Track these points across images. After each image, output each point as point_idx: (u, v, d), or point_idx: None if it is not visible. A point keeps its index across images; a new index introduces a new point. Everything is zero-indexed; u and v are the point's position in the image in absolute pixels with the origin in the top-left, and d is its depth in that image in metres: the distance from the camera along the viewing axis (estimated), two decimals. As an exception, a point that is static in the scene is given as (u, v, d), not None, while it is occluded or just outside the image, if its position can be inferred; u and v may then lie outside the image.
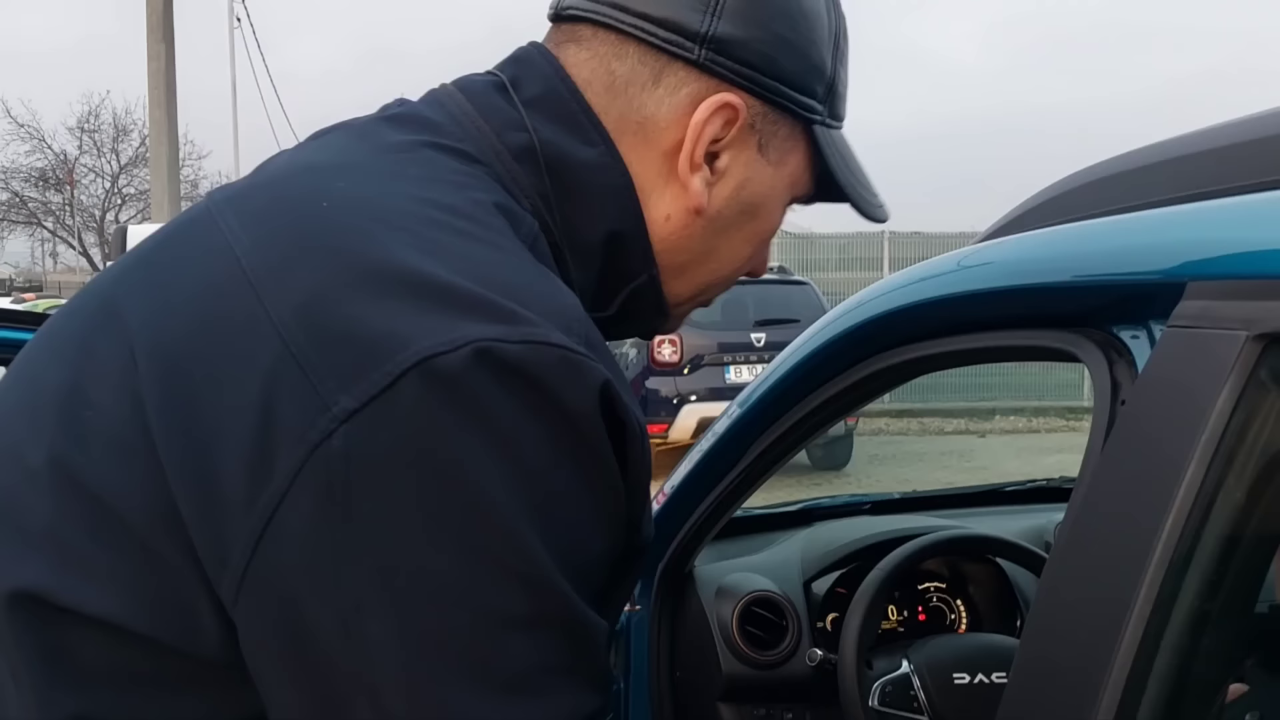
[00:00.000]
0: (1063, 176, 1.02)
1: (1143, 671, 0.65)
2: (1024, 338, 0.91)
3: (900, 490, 2.09)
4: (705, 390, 8.12)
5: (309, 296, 0.55)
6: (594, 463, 0.57)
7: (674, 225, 0.72)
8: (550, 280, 0.62)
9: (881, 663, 1.41)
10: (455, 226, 0.60)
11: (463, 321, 0.54)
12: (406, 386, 0.52)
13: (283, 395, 0.53)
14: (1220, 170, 0.79)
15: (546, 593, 0.54)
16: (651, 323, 0.79)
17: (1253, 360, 0.63)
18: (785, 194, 0.77)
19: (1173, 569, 0.64)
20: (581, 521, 0.57)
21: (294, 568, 0.53)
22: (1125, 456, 0.70)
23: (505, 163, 0.67)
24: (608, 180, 0.70)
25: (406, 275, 0.55)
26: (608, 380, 0.57)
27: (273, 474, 0.52)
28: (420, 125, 0.68)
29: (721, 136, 0.71)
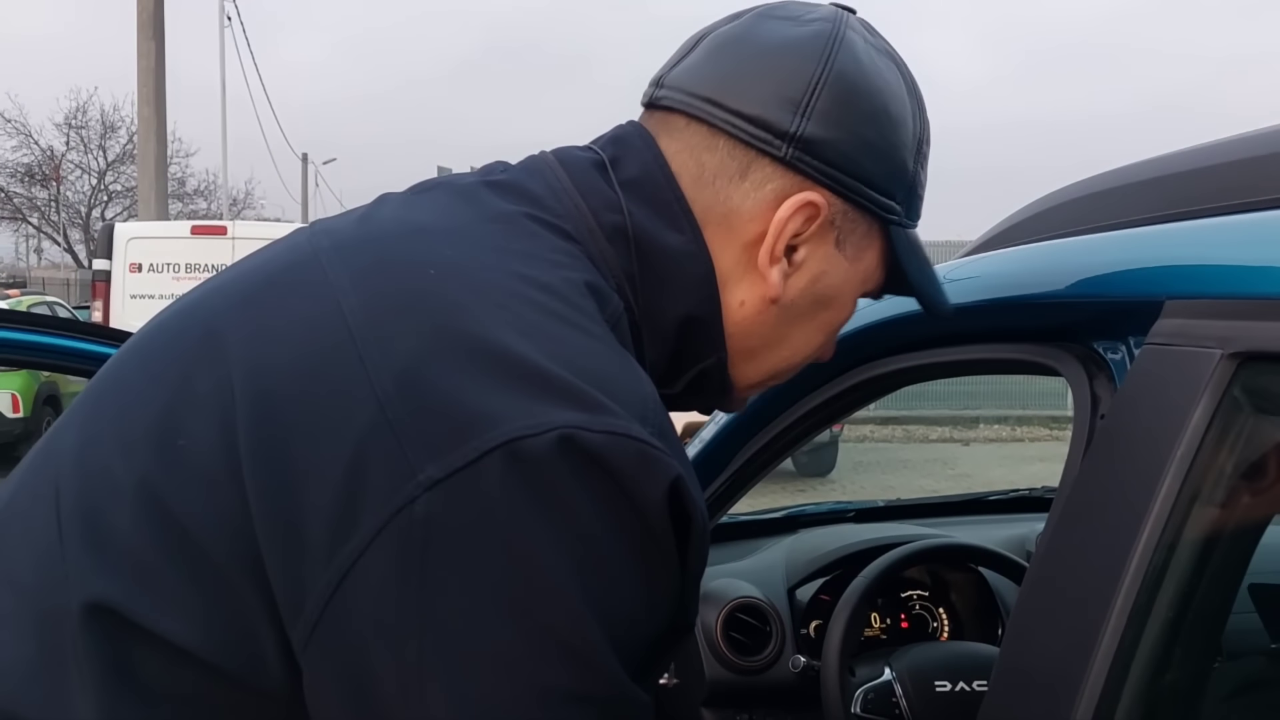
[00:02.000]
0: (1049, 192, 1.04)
1: (1119, 679, 0.66)
2: (1006, 351, 0.93)
3: (884, 498, 2.10)
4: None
5: (409, 364, 0.57)
6: (656, 554, 0.59)
7: (749, 311, 0.75)
8: (632, 368, 0.64)
9: (864, 670, 1.41)
10: (550, 308, 0.62)
11: (552, 407, 0.56)
12: (491, 463, 0.54)
13: (374, 457, 0.55)
14: (1201, 191, 0.81)
15: (598, 671, 0.56)
16: (713, 400, 0.82)
17: (1227, 377, 0.65)
18: (858, 288, 0.79)
19: (1149, 578, 0.66)
20: (639, 606, 0.59)
21: (364, 623, 0.55)
22: (1104, 469, 0.72)
23: (599, 242, 0.69)
24: (692, 268, 0.72)
25: (503, 355, 0.58)
26: (679, 476, 0.59)
27: (355, 530, 0.55)
28: (522, 196, 0.70)
29: (802, 231, 0.73)
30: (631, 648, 0.59)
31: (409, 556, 0.54)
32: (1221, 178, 0.80)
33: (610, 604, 0.57)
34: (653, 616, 0.61)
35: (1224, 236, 0.73)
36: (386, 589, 0.55)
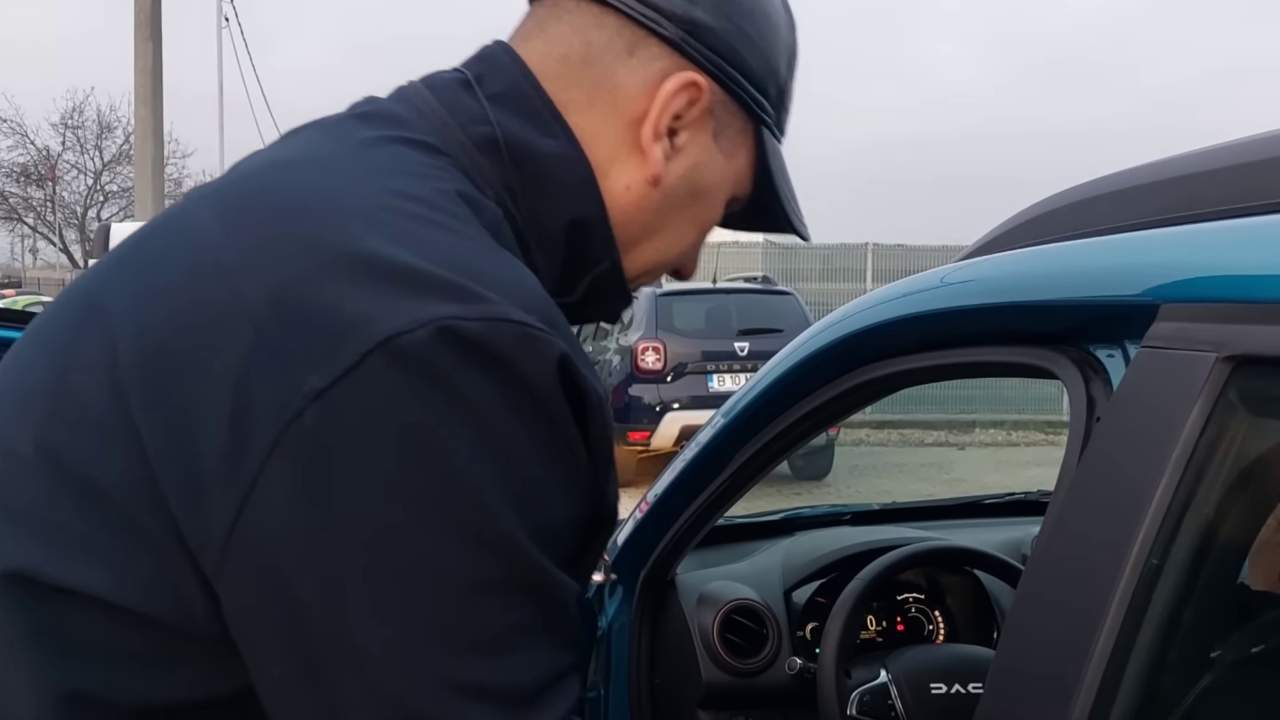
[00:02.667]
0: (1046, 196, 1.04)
1: (1114, 682, 0.67)
2: (1003, 354, 0.93)
3: (880, 501, 2.10)
4: (688, 398, 8.12)
5: (279, 283, 0.58)
6: (555, 432, 0.59)
7: (633, 196, 0.76)
8: (512, 264, 0.64)
9: (860, 672, 1.42)
10: (419, 214, 0.62)
11: (427, 302, 0.56)
12: (372, 364, 0.55)
13: (256, 380, 0.56)
14: (1197, 195, 0.82)
15: (516, 557, 0.57)
16: (615, 306, 0.83)
17: (1222, 380, 0.65)
18: (729, 187, 0.81)
19: (1144, 581, 0.66)
20: (546, 489, 0.59)
21: (272, 542, 0.55)
22: (1099, 472, 0.72)
23: (470, 154, 0.70)
24: (569, 171, 0.73)
25: (372, 260, 0.58)
26: (565, 354, 0.59)
27: (248, 452, 0.55)
28: (387, 121, 0.71)
29: (683, 114, 0.75)
30: (549, 533, 0.60)
31: (305, 469, 0.55)
32: (1218, 182, 0.80)
33: (516, 487, 0.57)
34: (565, 500, 0.61)
35: (1220, 241, 0.74)
36: (288, 506, 0.55)
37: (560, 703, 0.60)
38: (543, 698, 0.59)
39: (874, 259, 13.78)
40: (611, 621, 1.58)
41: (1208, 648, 0.73)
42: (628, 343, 8.41)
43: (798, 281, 12.48)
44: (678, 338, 8.31)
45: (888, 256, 13.78)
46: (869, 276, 13.54)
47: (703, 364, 8.27)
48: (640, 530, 1.54)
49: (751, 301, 8.73)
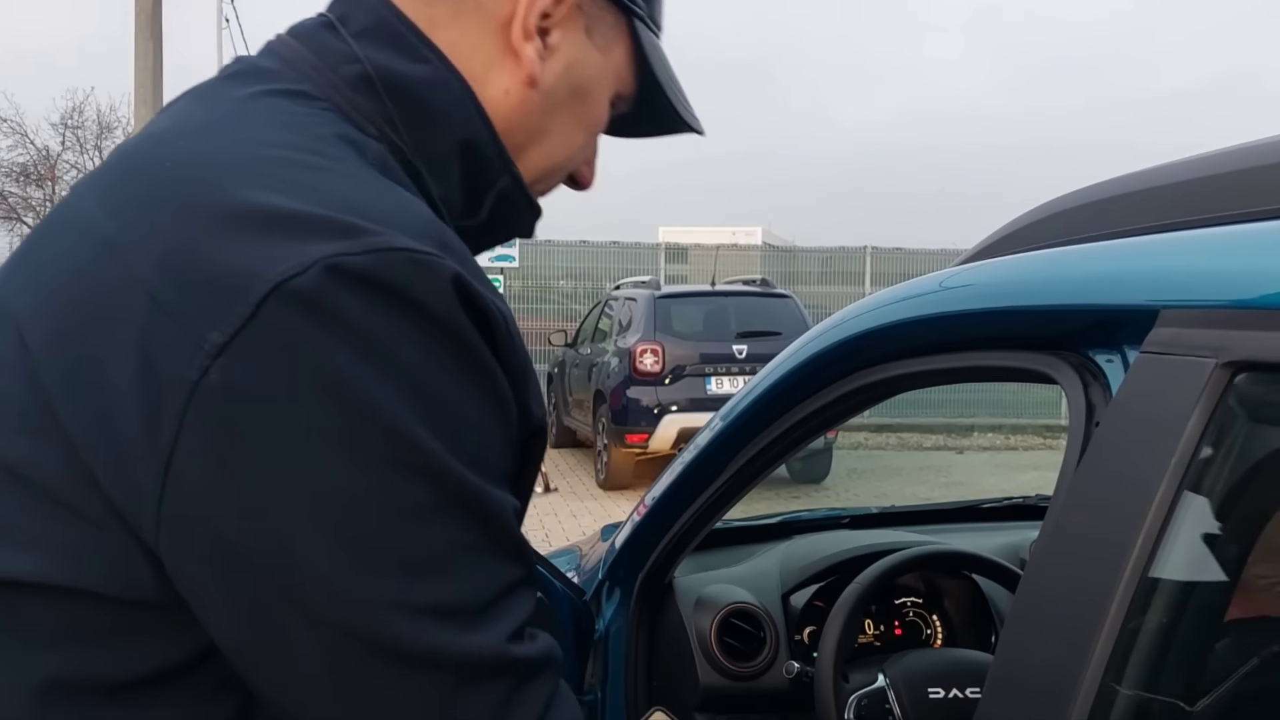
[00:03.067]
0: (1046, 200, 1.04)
1: (1113, 688, 0.66)
2: (1002, 358, 0.93)
3: (878, 505, 2.10)
4: (686, 401, 8.12)
5: (166, 249, 0.59)
6: (462, 352, 0.60)
7: (513, 100, 0.76)
8: (395, 192, 0.65)
9: (858, 676, 1.42)
10: (296, 160, 0.63)
11: (309, 244, 0.57)
12: (267, 312, 0.56)
13: (158, 346, 0.57)
14: (1196, 201, 0.82)
15: (445, 478, 0.58)
16: (525, 221, 0.83)
17: (1221, 386, 0.65)
18: (610, 85, 0.81)
19: (1143, 587, 0.66)
20: (464, 408, 0.60)
21: (202, 500, 0.56)
22: (1098, 476, 0.72)
23: (344, 95, 0.70)
24: (446, 93, 0.73)
25: (253, 211, 0.59)
26: (458, 273, 0.60)
27: (162, 418, 0.56)
28: (258, 76, 0.71)
29: (552, 13, 0.75)
30: (476, 453, 0.61)
31: (220, 425, 0.56)
32: (1218, 188, 0.80)
33: (432, 410, 0.58)
34: (486, 417, 0.62)
35: (1220, 246, 0.74)
36: (210, 462, 0.56)
37: (511, 614, 0.62)
38: (493, 610, 0.61)
39: (872, 262, 13.79)
40: (609, 624, 1.58)
41: (1205, 654, 0.73)
42: (626, 345, 8.42)
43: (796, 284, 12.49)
44: (676, 340, 8.31)
45: (886, 260, 13.79)
46: (867, 280, 13.55)
47: (701, 366, 8.27)
48: (638, 533, 1.54)
49: (750, 304, 8.74)
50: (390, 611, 0.57)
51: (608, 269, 13.66)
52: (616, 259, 13.85)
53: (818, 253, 14.57)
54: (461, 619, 0.59)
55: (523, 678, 0.62)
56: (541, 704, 0.63)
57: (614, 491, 8.38)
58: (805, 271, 14.34)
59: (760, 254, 15.15)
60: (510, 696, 0.61)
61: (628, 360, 8.27)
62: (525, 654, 0.62)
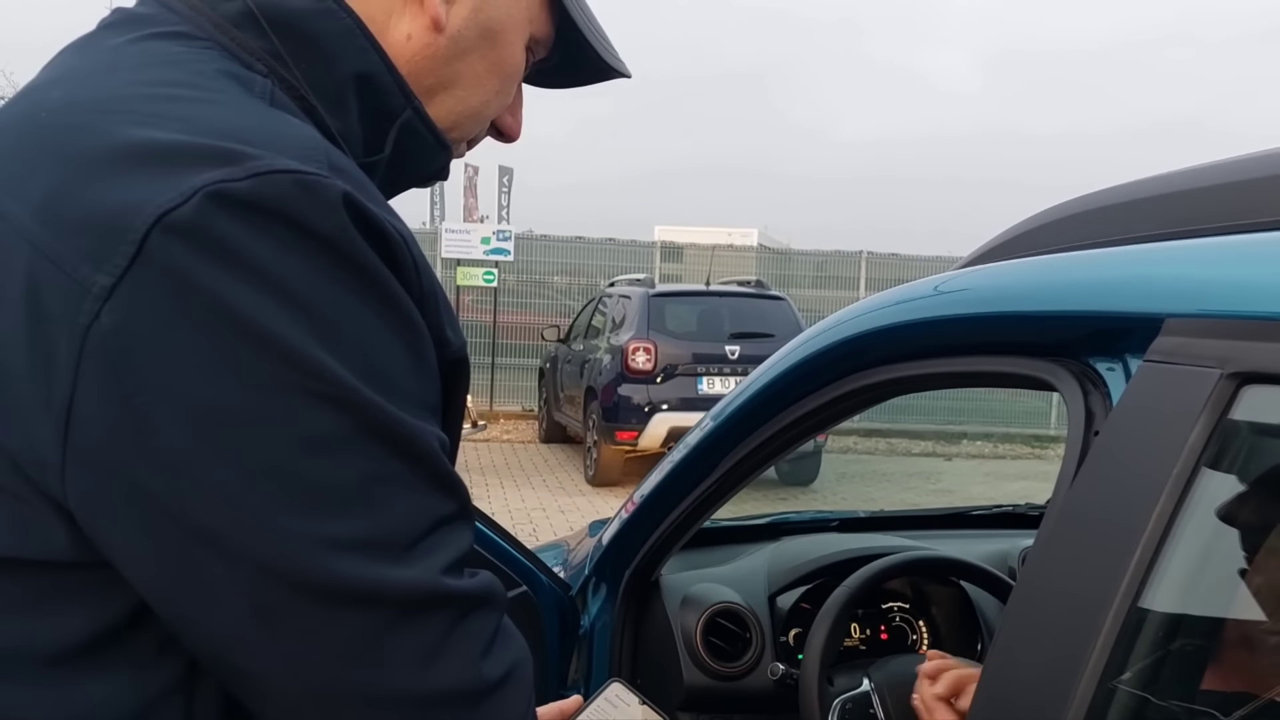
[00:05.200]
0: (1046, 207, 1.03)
1: (1104, 700, 0.66)
2: (1001, 364, 0.92)
3: (867, 509, 2.10)
4: (677, 400, 8.12)
5: (44, 196, 0.57)
6: (360, 273, 0.58)
7: (416, 45, 0.74)
8: (280, 118, 0.63)
9: (842, 679, 1.41)
10: (174, 95, 0.61)
11: (189, 173, 0.55)
12: (152, 248, 0.54)
13: (44, 293, 0.55)
14: (1201, 210, 0.81)
15: (354, 406, 0.56)
16: (435, 159, 0.80)
17: (1226, 397, 0.64)
18: (524, 26, 0.79)
19: (1140, 597, 0.65)
20: (369, 333, 0.58)
21: (107, 448, 0.55)
22: (1097, 486, 0.71)
23: (228, 32, 0.68)
24: (331, 24, 0.71)
25: (129, 148, 0.57)
26: (347, 192, 0.58)
27: (56, 367, 0.54)
28: (135, 23, 0.69)
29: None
30: (390, 380, 0.59)
31: (116, 368, 0.54)
32: (1224, 198, 0.80)
33: (335, 335, 0.56)
34: (397, 342, 0.60)
35: (1227, 256, 0.73)
36: (110, 409, 0.54)
37: (444, 548, 0.60)
38: (421, 544, 0.59)
39: (867, 267, 13.80)
40: (594, 620, 1.57)
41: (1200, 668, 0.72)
42: (619, 342, 8.41)
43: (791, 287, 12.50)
44: (669, 339, 8.31)
45: (881, 265, 13.80)
46: (862, 284, 13.56)
47: (693, 366, 8.27)
48: (626, 530, 1.53)
49: (744, 305, 8.74)
50: (311, 546, 0.55)
51: (603, 266, 13.64)
52: (612, 256, 13.84)
53: (813, 256, 14.58)
54: (389, 552, 0.57)
55: (461, 611, 0.60)
56: (485, 638, 0.61)
57: (603, 488, 8.38)
58: (800, 274, 14.34)
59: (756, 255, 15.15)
60: (450, 630, 0.59)
61: (620, 358, 8.27)
62: (462, 587, 0.60)
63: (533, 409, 12.03)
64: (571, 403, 9.62)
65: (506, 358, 12.96)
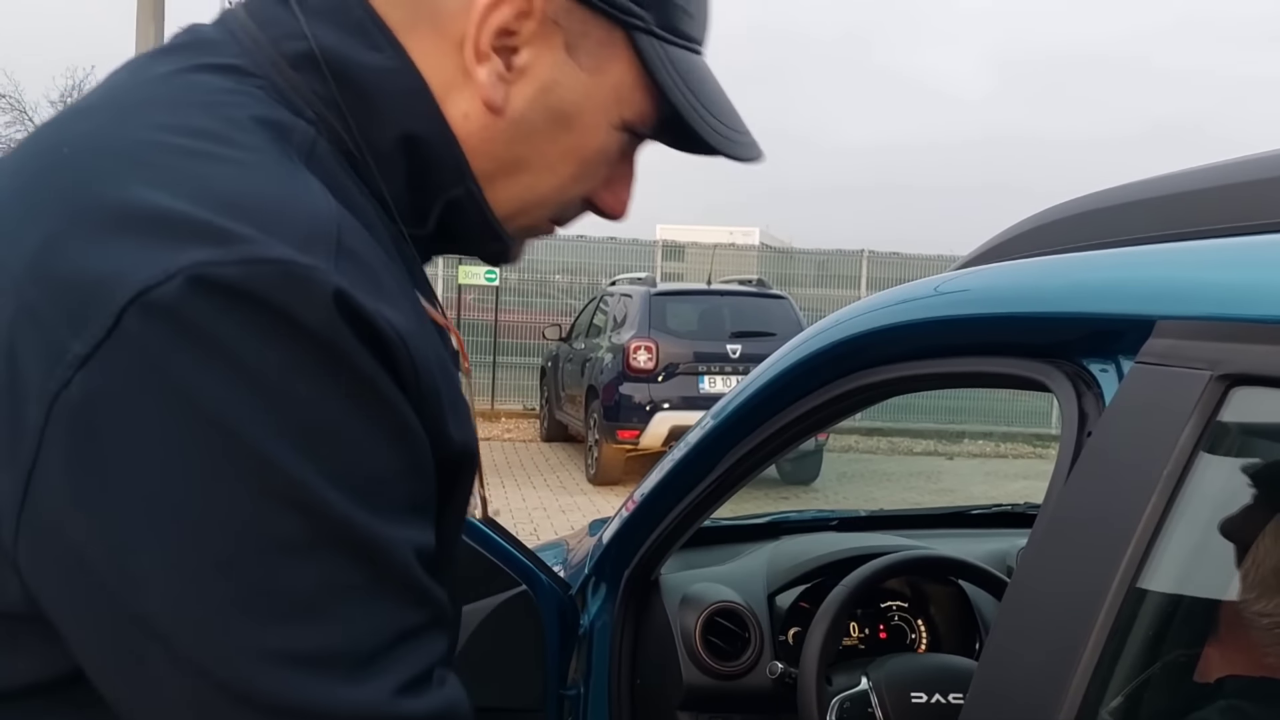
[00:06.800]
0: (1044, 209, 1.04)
1: (1097, 698, 0.66)
2: (996, 365, 0.93)
3: (867, 508, 2.10)
4: (679, 399, 8.12)
5: (39, 246, 0.55)
6: (347, 374, 0.55)
7: (474, 125, 0.69)
8: (300, 186, 0.59)
9: (841, 679, 1.42)
10: (193, 148, 0.58)
11: (176, 250, 0.53)
12: (129, 324, 0.52)
13: (22, 348, 0.53)
14: (1194, 213, 0.81)
15: (319, 512, 0.53)
16: (484, 245, 0.75)
17: (1216, 399, 0.65)
18: (610, 110, 0.71)
19: (1130, 598, 0.66)
20: (352, 434, 0.55)
21: (59, 518, 0.53)
22: (1090, 486, 0.72)
23: (283, 72, 0.65)
24: (396, 84, 0.67)
25: (127, 209, 0.55)
26: (340, 288, 0.55)
27: (25, 429, 0.53)
28: (194, 49, 0.66)
29: (516, 29, 0.66)
30: (370, 484, 0.56)
31: (79, 440, 0.52)
32: (1217, 200, 0.80)
33: (313, 438, 0.54)
34: (382, 445, 0.57)
35: (1218, 259, 0.73)
36: (70, 477, 0.52)
37: (405, 664, 0.56)
38: (380, 660, 0.55)
39: (869, 266, 13.80)
40: (594, 619, 1.58)
41: (1191, 664, 0.73)
42: (620, 341, 8.41)
43: (792, 286, 12.49)
44: (670, 338, 8.31)
45: (882, 264, 13.79)
46: (863, 284, 13.56)
47: (694, 365, 8.27)
48: (626, 529, 1.54)
49: (745, 304, 8.74)
50: (257, 658, 0.52)
51: (604, 264, 13.64)
52: (613, 255, 13.84)
53: (814, 255, 14.58)
54: (342, 669, 0.54)
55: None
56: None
57: (604, 487, 8.38)
58: (801, 273, 14.34)
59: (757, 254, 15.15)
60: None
61: (621, 356, 8.27)
62: (415, 710, 0.56)
63: (534, 408, 12.03)
64: (573, 401, 9.62)
65: (508, 356, 12.96)
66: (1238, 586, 0.73)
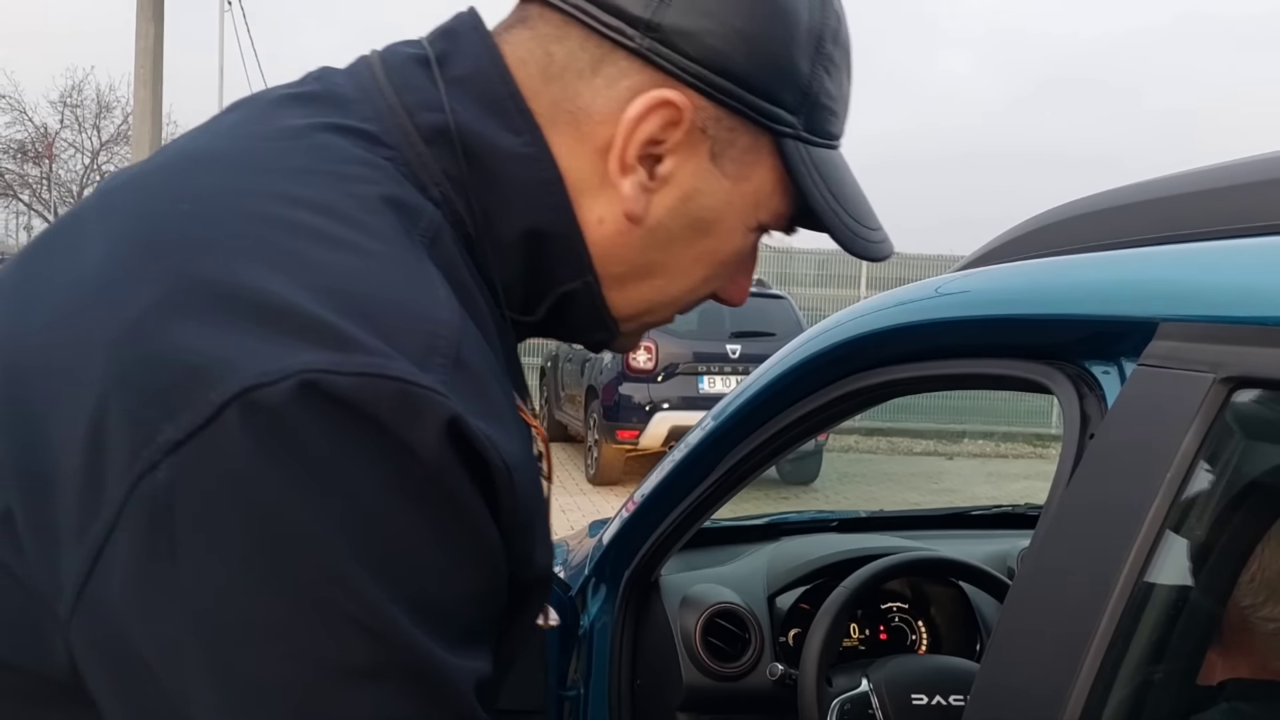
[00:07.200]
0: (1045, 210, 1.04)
1: (1100, 701, 0.66)
2: (998, 366, 0.92)
3: (867, 509, 2.10)
4: (678, 399, 8.12)
5: (141, 315, 0.52)
6: (444, 503, 0.53)
7: (609, 231, 0.66)
8: (423, 290, 0.56)
9: (841, 680, 1.42)
10: (320, 230, 0.55)
11: (294, 348, 0.50)
12: (228, 420, 0.49)
13: (111, 422, 0.51)
14: (1197, 214, 0.81)
15: (389, 642, 0.51)
16: (593, 334, 0.73)
17: (1219, 402, 0.65)
18: (749, 214, 0.70)
19: (1134, 601, 0.66)
20: (433, 563, 0.53)
21: (120, 603, 0.50)
22: (1092, 489, 0.71)
23: (415, 145, 0.62)
24: (531, 173, 0.64)
25: (244, 293, 0.52)
26: (456, 416, 0.52)
27: (102, 505, 0.50)
28: (327, 103, 0.63)
29: (663, 139, 0.64)
30: (444, 612, 0.53)
31: (156, 529, 0.49)
32: (1219, 202, 0.80)
33: (393, 562, 0.51)
34: (465, 574, 0.54)
35: (1221, 261, 0.73)
36: (138, 566, 0.50)
37: None
38: None
39: (869, 266, 13.80)
40: (594, 620, 1.58)
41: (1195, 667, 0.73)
42: (620, 341, 8.41)
43: (792, 286, 12.49)
44: (670, 338, 8.31)
45: (883, 265, 13.79)
46: (863, 284, 13.56)
47: (694, 365, 8.27)
48: (626, 529, 1.54)
49: (745, 304, 8.71)
50: None
51: (604, 264, 13.64)
52: (613, 255, 13.84)
53: (814, 255, 14.57)
54: None
55: None
56: None
57: (603, 487, 8.38)
58: (801, 273, 14.34)
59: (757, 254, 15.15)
60: None
61: (621, 356, 8.27)
62: None
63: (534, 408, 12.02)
64: (572, 402, 9.62)
65: (508, 356, 12.95)
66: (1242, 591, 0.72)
